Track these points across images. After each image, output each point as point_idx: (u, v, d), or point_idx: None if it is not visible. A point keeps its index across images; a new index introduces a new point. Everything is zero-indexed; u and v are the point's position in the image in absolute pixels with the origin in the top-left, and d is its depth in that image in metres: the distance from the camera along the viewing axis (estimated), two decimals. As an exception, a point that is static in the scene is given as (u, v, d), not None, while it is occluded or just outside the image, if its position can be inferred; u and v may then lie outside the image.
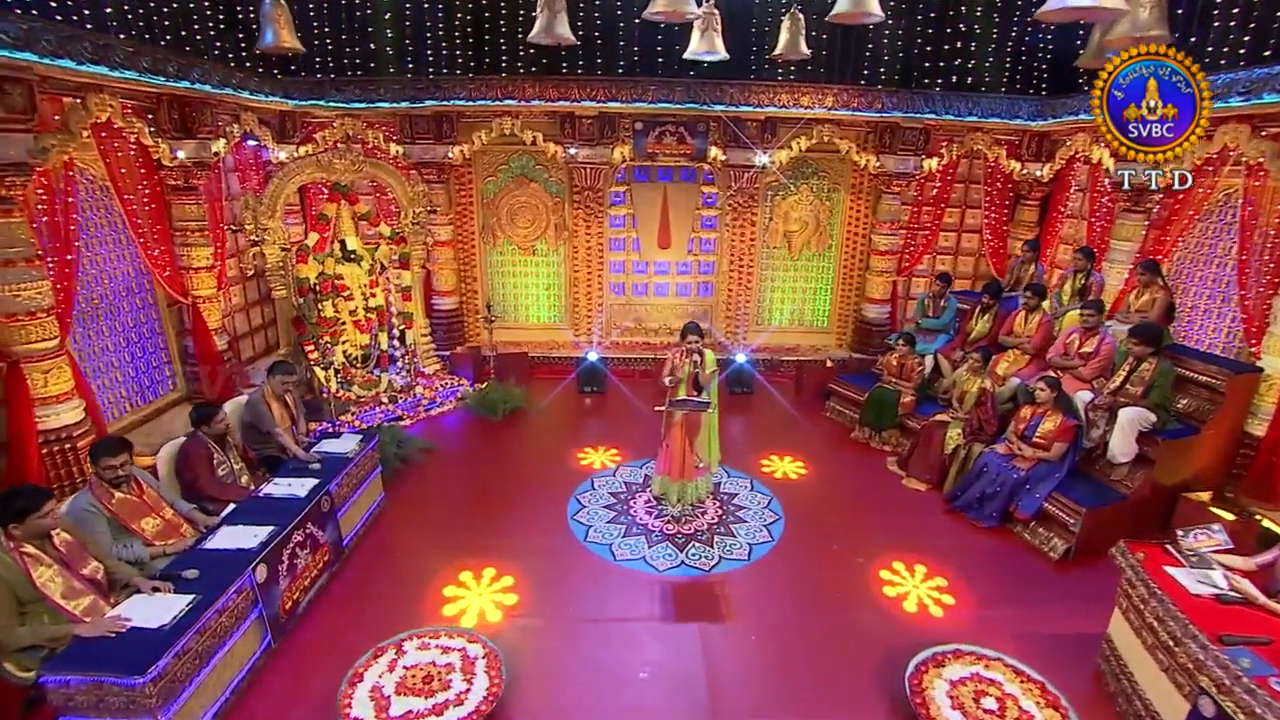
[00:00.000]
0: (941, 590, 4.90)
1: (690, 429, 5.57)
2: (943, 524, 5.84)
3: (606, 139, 8.45)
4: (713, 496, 6.03)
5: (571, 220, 9.17)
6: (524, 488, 6.22)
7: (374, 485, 5.71)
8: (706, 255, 9.45)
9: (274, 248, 6.77)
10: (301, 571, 4.46)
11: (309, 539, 4.56)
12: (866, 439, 7.36)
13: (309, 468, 5.06)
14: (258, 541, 4.13)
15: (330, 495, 4.89)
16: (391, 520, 5.70)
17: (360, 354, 7.76)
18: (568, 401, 8.38)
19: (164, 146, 6.17)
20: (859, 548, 5.36)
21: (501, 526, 5.58)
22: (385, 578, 4.95)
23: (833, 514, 5.92)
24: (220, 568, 3.88)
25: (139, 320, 6.60)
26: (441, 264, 9.10)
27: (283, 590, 4.22)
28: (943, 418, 6.58)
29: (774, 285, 9.63)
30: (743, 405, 8.31)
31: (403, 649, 4.01)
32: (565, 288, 9.52)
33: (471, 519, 5.71)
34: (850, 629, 4.52)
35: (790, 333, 9.78)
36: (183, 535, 4.19)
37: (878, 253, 9.08)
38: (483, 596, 4.74)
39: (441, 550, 5.24)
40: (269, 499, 4.66)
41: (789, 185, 9.09)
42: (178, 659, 3.33)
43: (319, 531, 4.70)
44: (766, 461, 6.78)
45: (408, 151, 8.40)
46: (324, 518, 4.79)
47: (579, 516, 5.75)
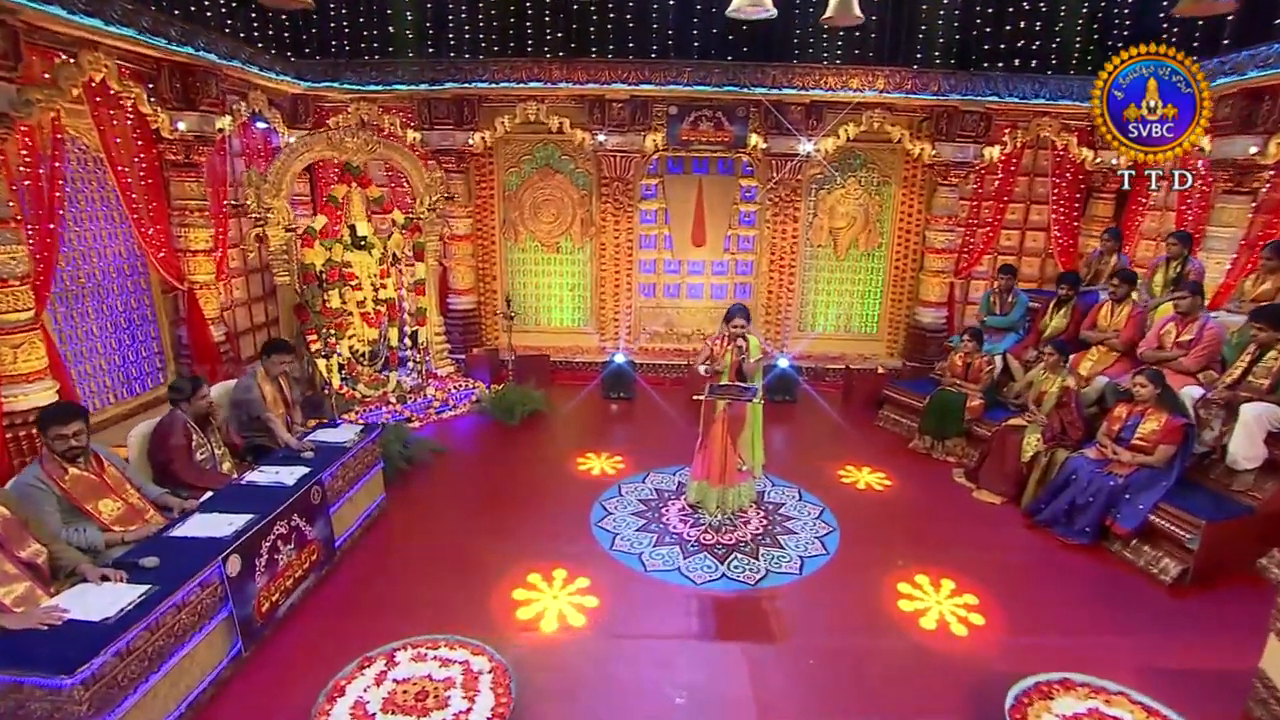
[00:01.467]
0: (1031, 615, 4.25)
1: (733, 425, 5.06)
2: (1024, 540, 5.19)
3: (638, 125, 8.12)
4: (756, 505, 5.47)
5: (599, 215, 8.81)
6: (541, 493, 5.79)
7: (374, 483, 5.25)
8: (744, 254, 9.02)
9: (278, 229, 6.46)
10: (284, 570, 3.97)
11: (294, 533, 4.08)
12: (928, 448, 6.73)
13: (300, 456, 4.63)
14: (232, 530, 3.66)
15: (322, 486, 4.43)
16: (393, 522, 5.27)
17: (368, 350, 7.39)
18: (592, 407, 7.92)
19: (163, 116, 5.93)
20: (928, 564, 4.73)
21: (516, 531, 5.10)
22: (383, 583, 4.47)
23: (894, 527, 5.31)
24: (185, 557, 3.41)
25: (129, 305, 6.29)
26: (458, 260, 8.77)
27: (260, 589, 3.73)
28: (1018, 422, 5.95)
29: (818, 288, 9.13)
30: (786, 414, 7.77)
31: (394, 659, 3.48)
32: (591, 288, 9.13)
33: (482, 522, 5.27)
34: (925, 653, 3.90)
35: (835, 340, 9.24)
36: (147, 522, 3.73)
37: (933, 251, 8.55)
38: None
39: (448, 555, 4.78)
40: (252, 486, 4.22)
41: (835, 177, 8.66)
42: (120, 659, 2.84)
43: (307, 526, 4.23)
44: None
45: (425, 138, 8.14)
46: (314, 511, 4.32)
47: (604, 523, 5.22)
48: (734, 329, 4.93)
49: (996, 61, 7.92)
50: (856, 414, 7.77)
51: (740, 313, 4.97)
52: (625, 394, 8.04)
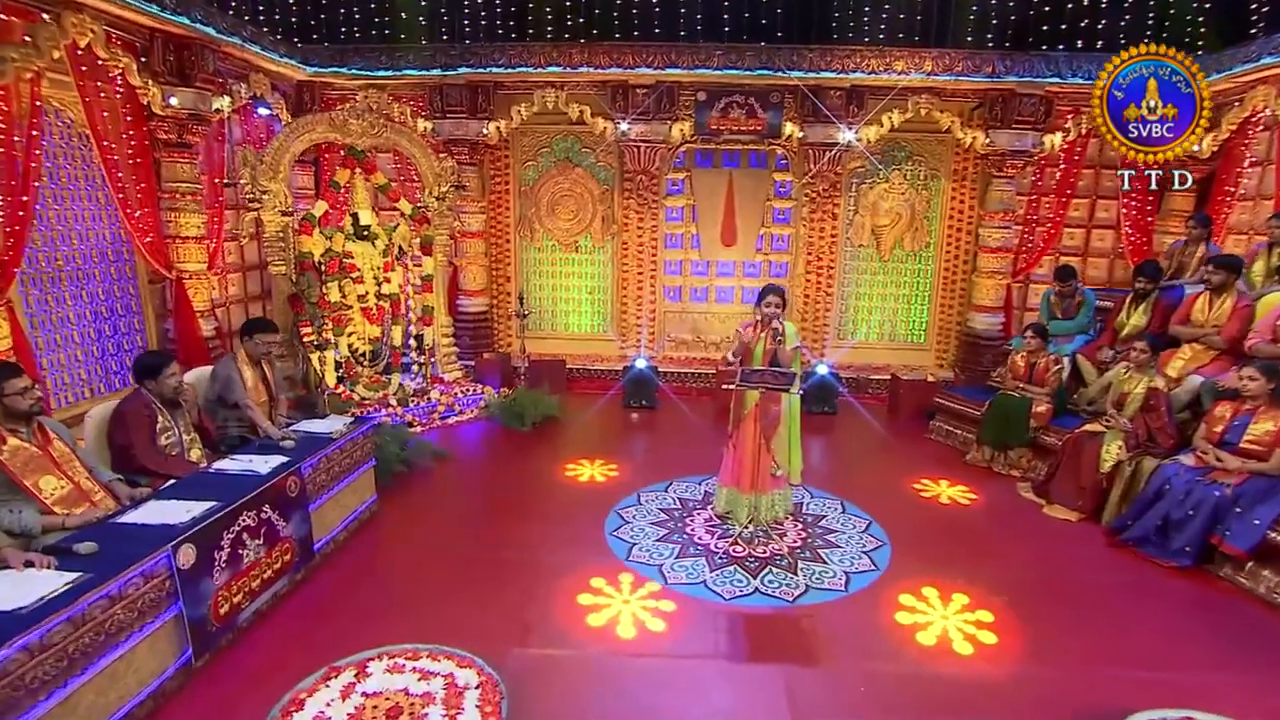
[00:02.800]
0: (1126, 647, 3.70)
1: (766, 422, 4.66)
2: (1109, 561, 4.63)
3: (664, 113, 7.88)
4: (793, 517, 5.00)
5: (621, 212, 8.55)
6: (551, 500, 5.43)
7: (364, 482, 4.90)
8: (778, 255, 8.67)
9: (273, 214, 6.23)
10: (249, 568, 3.59)
11: (264, 526, 3.72)
12: (988, 460, 6.20)
13: (279, 446, 4.29)
14: (189, 517, 3.30)
15: (301, 478, 4.08)
16: (385, 526, 4.92)
17: (369, 349, 7.10)
18: (611, 416, 7.55)
19: (155, 90, 5.78)
20: (995, 585, 4.21)
21: (521, 540, 4.70)
22: (368, 590, 4.09)
23: (954, 545, 4.79)
24: (130, 544, 3.05)
25: (112, 294, 6.09)
26: (470, 258, 8.53)
27: (218, 587, 3.35)
28: (1094, 428, 5.42)
29: (859, 292, 8.72)
30: (826, 426, 7.32)
31: (366, 670, 3.06)
32: (612, 291, 8.84)
33: (485, 530, 4.92)
34: (994, 682, 3.37)
35: (879, 349, 8.78)
36: (95, 506, 3.40)
37: (987, 250, 8.09)
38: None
39: (444, 563, 4.41)
40: (220, 474, 3.89)
41: (878, 170, 8.30)
42: (29, 655, 2.47)
43: (280, 521, 3.86)
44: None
45: (437, 127, 7.97)
46: (289, 505, 3.96)
47: (619, 533, 4.80)
48: (767, 309, 4.58)
49: (1057, 40, 7.54)
50: (904, 426, 7.32)
51: (774, 291, 4.63)
52: (647, 402, 7.65)
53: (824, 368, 7.65)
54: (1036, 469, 5.92)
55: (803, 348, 5.30)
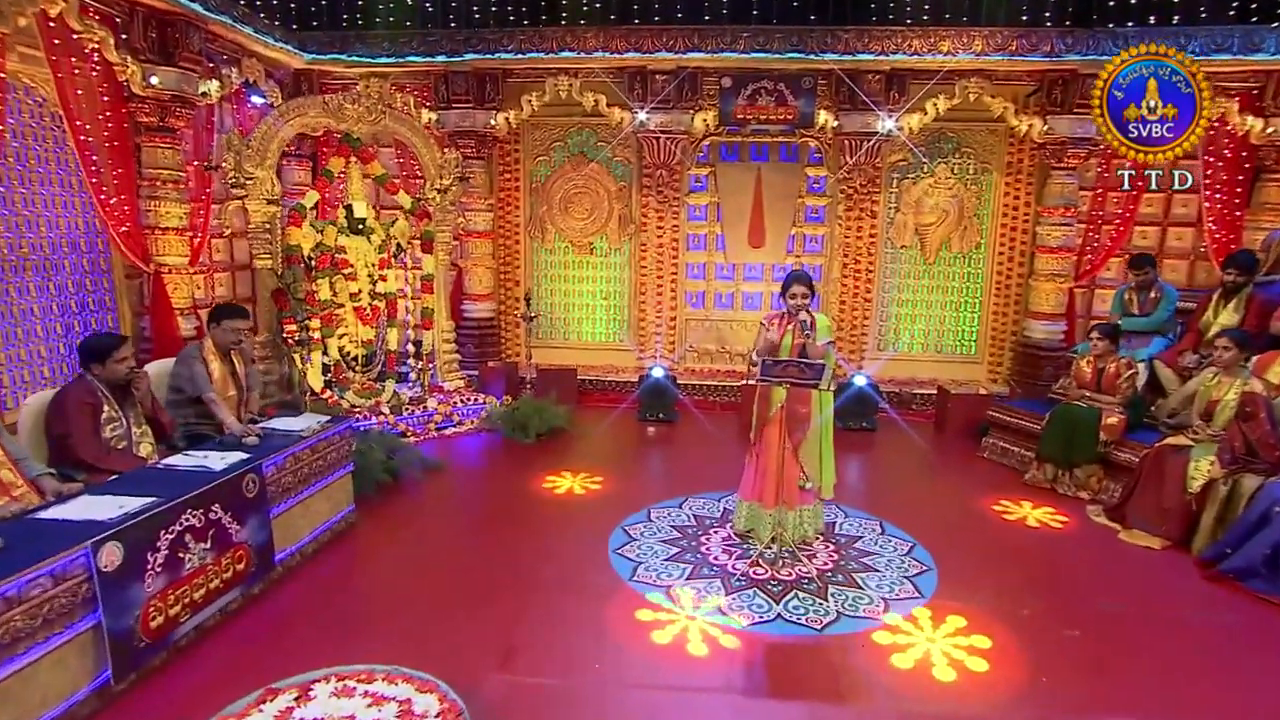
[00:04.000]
0: (1246, 702, 3.22)
1: (793, 427, 4.32)
2: (1205, 597, 4.14)
3: (686, 101, 7.69)
4: (824, 537, 4.60)
5: (640, 210, 8.34)
6: (551, 515, 5.13)
7: (340, 489, 4.62)
8: (811, 257, 8.37)
9: (259, 202, 6.08)
10: (191, 576, 3.29)
11: (213, 529, 3.43)
12: (1050, 480, 5.72)
13: (241, 442, 4.03)
14: (120, 513, 3.02)
15: (261, 478, 3.80)
16: (361, 538, 4.66)
17: (362, 353, 6.88)
18: (624, 429, 7.24)
19: (134, 68, 5.68)
20: (1069, 619, 3.75)
21: (515, 557, 4.39)
22: (335, 607, 3.80)
23: (1012, 572, 4.33)
24: (43, 541, 2.77)
25: (84, 288, 5.96)
26: (476, 260, 8.35)
27: (150, 595, 3.05)
28: (1178, 441, 4.95)
29: (902, 297, 8.36)
30: (865, 444, 6.93)
31: (310, 693, 2.71)
32: (630, 297, 8.59)
33: (474, 545, 4.66)
34: (1083, 732, 2.91)
35: (924, 361, 8.36)
36: (16, 499, 3.13)
37: (1046, 250, 7.66)
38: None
39: (425, 580, 4.11)
40: (168, 470, 3.63)
41: (922, 163, 7.98)
42: (-104, 657, 2.17)
43: (233, 524, 3.57)
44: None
45: (442, 118, 7.84)
46: (246, 507, 3.67)
47: (624, 550, 4.44)
48: (793, 301, 4.32)
49: (1126, 14, 7.15)
50: (953, 444, 6.91)
51: (800, 280, 4.36)
52: (665, 415, 7.30)
53: (862, 379, 7.24)
54: (1109, 490, 5.43)
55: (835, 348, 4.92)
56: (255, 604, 3.73)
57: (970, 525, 5.03)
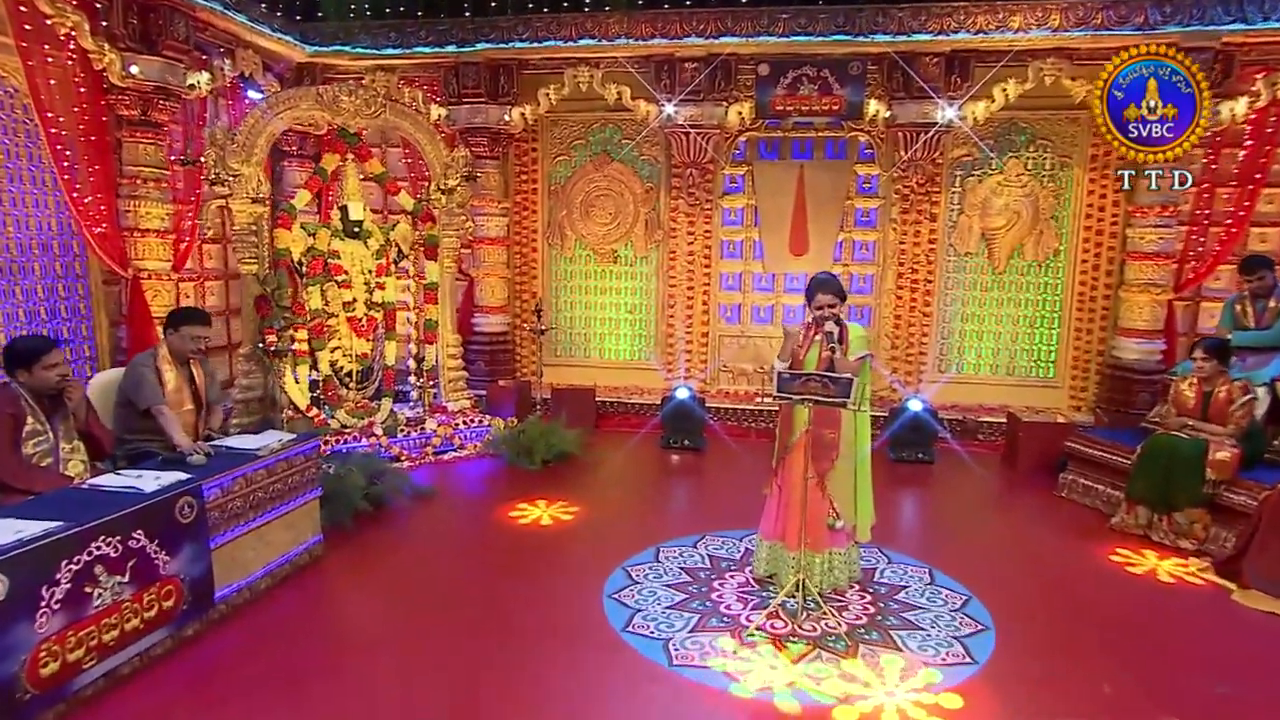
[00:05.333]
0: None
1: (819, 453, 3.93)
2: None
3: (719, 93, 7.49)
4: (859, 586, 4.18)
5: (668, 215, 8.11)
6: (543, 551, 4.85)
7: (303, 517, 4.38)
8: (862, 266, 8.01)
9: (243, 202, 5.96)
10: (102, 614, 3.05)
11: (135, 559, 3.20)
12: (1143, 526, 5.14)
13: (186, 459, 3.82)
14: (14, 538, 2.79)
15: (200, 501, 3.57)
16: (325, 573, 4.45)
17: (356, 368, 6.70)
18: (643, 456, 6.94)
19: (112, 57, 5.65)
20: (1167, 703, 3.24)
21: (494, 598, 4.14)
22: (278, 654, 3.53)
23: (1088, 637, 3.81)
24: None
25: (56, 294, 5.92)
26: (489, 269, 8.19)
27: (44, 637, 2.80)
28: (1304, 480, 4.36)
29: (966, 312, 7.91)
30: (919, 478, 6.48)
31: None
32: (657, 310, 8.37)
33: (457, 584, 4.37)
34: None
35: (992, 384, 7.87)
36: (-97, 521, 2.93)
37: (1139, 256, 7.09)
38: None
39: (393, 624, 3.89)
40: (93, 491, 3.43)
41: (989, 158, 7.54)
42: None
43: (161, 554, 3.34)
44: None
45: (453, 114, 7.76)
46: (179, 535, 3.44)
47: (622, 594, 4.10)
48: (819, 310, 4.00)
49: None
50: (1024, 480, 6.40)
51: (826, 285, 4.04)
52: (690, 442, 6.94)
53: (918, 404, 6.76)
54: (1218, 539, 4.84)
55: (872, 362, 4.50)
56: (186, 648, 3.47)
57: (1040, 578, 4.51)
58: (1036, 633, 3.80)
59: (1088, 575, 4.55)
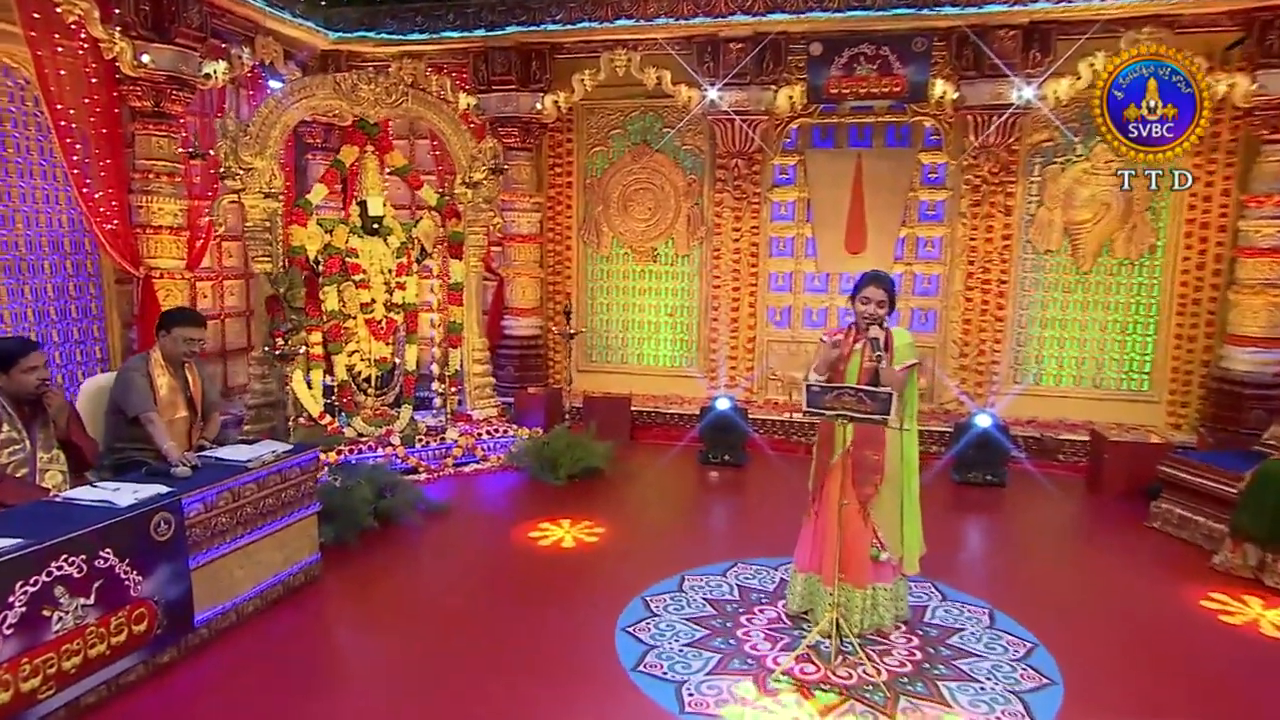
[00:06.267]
0: None
1: (861, 476, 3.76)
2: None
3: (767, 75, 7.31)
4: (906, 626, 3.93)
5: (713, 210, 7.96)
6: (556, 576, 4.72)
7: (298, 534, 4.32)
8: (927, 265, 7.74)
9: (255, 197, 5.99)
10: (62, 639, 2.99)
11: (100, 580, 3.14)
12: (1253, 566, 4.71)
13: (171, 471, 3.79)
14: (-35, 556, 2.76)
15: (179, 517, 3.51)
16: (322, 595, 4.39)
17: (375, 373, 6.70)
18: (679, 472, 6.83)
19: (122, 45, 5.71)
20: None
21: (498, 627, 4.02)
22: (259, 683, 3.47)
23: (1178, 698, 3.47)
24: None
25: (67, 293, 6.03)
26: (520, 268, 8.15)
27: (-4, 664, 2.75)
28: None
29: (1046, 315, 7.53)
30: (986, 503, 6.17)
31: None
32: (699, 313, 8.25)
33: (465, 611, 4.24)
34: None
35: (1075, 398, 7.47)
36: None
37: (1252, 252, 6.61)
38: None
39: (387, 650, 3.81)
40: (66, 505, 3.38)
41: (1074, 143, 7.15)
42: None
43: (132, 574, 3.28)
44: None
45: (482, 103, 7.74)
46: (154, 554, 3.39)
47: (637, 628, 3.93)
48: (864, 308, 3.75)
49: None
50: (1110, 508, 6.02)
51: (876, 280, 3.80)
52: (731, 457, 6.75)
53: (987, 419, 6.41)
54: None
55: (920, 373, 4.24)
56: (161, 676, 3.41)
57: (1121, 624, 4.14)
58: (1112, 691, 3.47)
59: (1178, 623, 4.17)
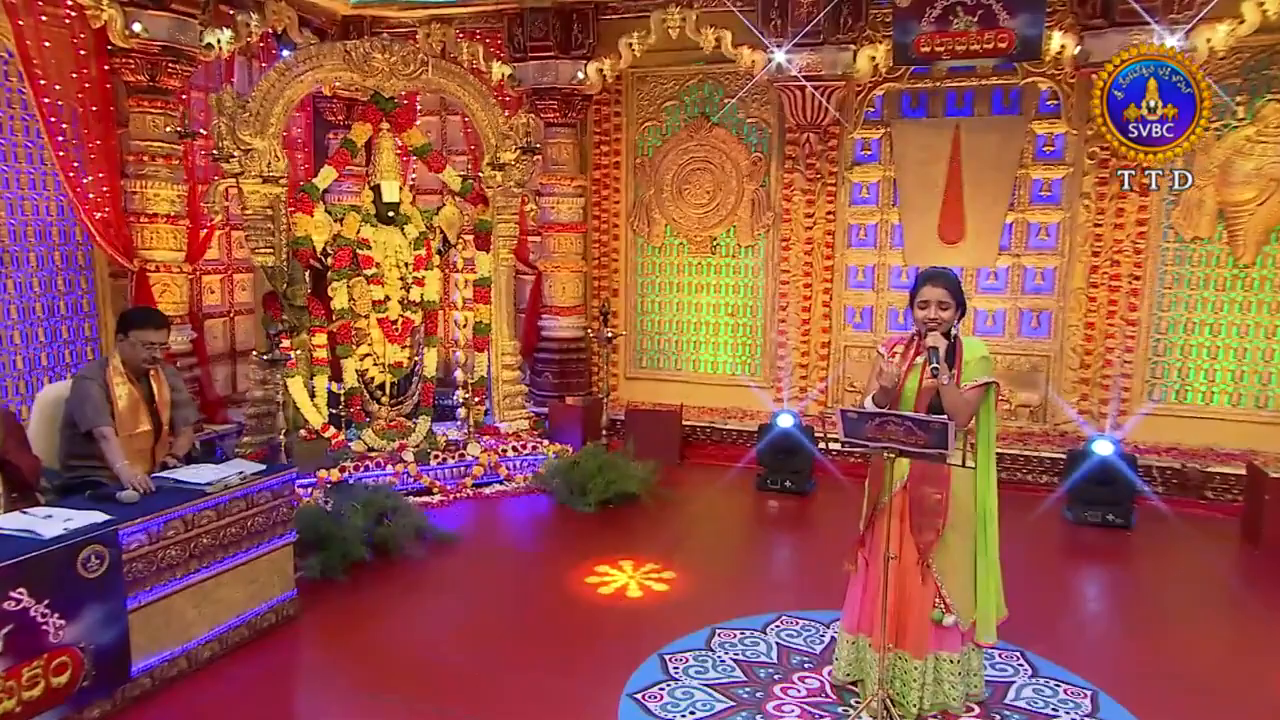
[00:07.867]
0: None
1: (921, 519, 3.43)
2: None
3: (845, 33, 6.99)
4: (981, 709, 3.57)
5: (781, 192, 7.71)
6: (565, 626, 4.54)
7: (269, 568, 4.24)
8: (1039, 257, 7.31)
9: (254, 182, 5.95)
10: (-40, 693, 2.88)
11: (13, 625, 3.02)
12: None
13: (117, 496, 3.69)
14: None
15: (115, 550, 3.40)
16: (293, 639, 4.30)
17: (390, 379, 6.63)
18: (731, 500, 6.65)
19: (112, 12, 5.74)
20: None
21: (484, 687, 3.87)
22: None
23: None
24: None
25: (55, 288, 6.12)
26: (559, 261, 8.05)
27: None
28: None
29: (1192, 318, 6.99)
30: (1105, 550, 5.74)
31: None
32: (764, 314, 7.99)
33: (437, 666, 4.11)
34: None
35: (1228, 421, 6.89)
36: None
37: None
38: None
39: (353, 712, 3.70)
40: (-11, 536, 3.29)
41: (1230, 105, 6.62)
42: None
43: (52, 618, 3.16)
44: None
45: (517, 73, 7.60)
46: (80, 593, 3.27)
47: (646, 695, 3.68)
48: (923, 313, 3.44)
49: None
50: (1272, 564, 5.44)
51: (939, 278, 3.51)
52: (793, 484, 6.49)
53: (1108, 446, 5.92)
54: None
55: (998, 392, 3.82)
56: (92, 734, 3.30)
57: (1269, 714, 3.65)
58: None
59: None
